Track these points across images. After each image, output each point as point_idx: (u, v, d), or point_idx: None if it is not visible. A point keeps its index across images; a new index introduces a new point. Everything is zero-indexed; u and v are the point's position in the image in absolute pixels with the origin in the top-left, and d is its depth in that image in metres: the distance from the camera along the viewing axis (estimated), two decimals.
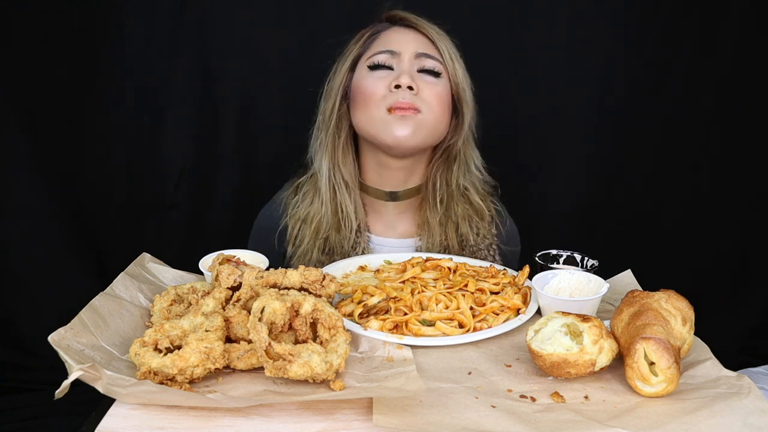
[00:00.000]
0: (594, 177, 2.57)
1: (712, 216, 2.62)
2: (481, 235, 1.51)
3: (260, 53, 2.37)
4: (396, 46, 1.40)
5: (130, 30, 2.30)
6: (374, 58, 1.40)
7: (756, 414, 0.86)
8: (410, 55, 1.39)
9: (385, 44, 1.41)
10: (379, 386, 0.92)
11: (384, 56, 1.39)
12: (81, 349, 0.95)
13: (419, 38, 1.42)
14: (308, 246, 1.47)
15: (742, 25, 2.42)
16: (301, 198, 1.53)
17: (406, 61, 1.39)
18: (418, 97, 1.37)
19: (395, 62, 1.39)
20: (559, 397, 0.93)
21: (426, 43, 1.42)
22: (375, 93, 1.37)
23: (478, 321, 1.12)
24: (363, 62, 1.43)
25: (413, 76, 1.38)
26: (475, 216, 1.51)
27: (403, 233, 1.55)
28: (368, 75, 1.40)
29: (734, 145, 2.56)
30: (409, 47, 1.40)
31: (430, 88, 1.39)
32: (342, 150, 1.47)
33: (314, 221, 1.48)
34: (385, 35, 1.43)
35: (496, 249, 1.52)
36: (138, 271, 1.24)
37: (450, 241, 1.49)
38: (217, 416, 0.86)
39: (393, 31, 1.44)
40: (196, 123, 2.42)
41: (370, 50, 1.43)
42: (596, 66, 2.45)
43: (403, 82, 1.36)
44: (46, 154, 2.36)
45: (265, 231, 1.56)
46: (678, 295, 1.03)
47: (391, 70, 1.39)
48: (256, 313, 0.94)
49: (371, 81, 1.39)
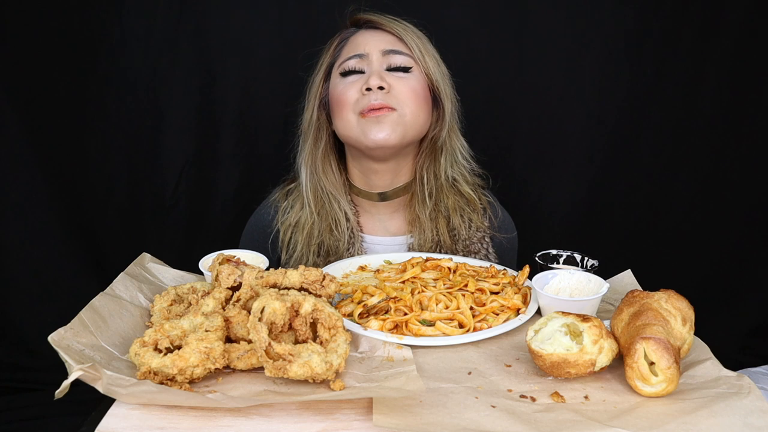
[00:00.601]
0: (594, 177, 2.57)
1: (713, 216, 2.62)
2: (473, 228, 1.51)
3: (260, 53, 2.37)
4: (363, 48, 1.41)
5: (130, 30, 2.30)
6: (344, 65, 1.42)
7: (756, 414, 0.86)
8: (378, 55, 1.40)
9: (353, 49, 1.43)
10: (379, 386, 0.92)
11: (353, 61, 1.41)
12: (81, 349, 0.95)
13: (386, 37, 1.43)
14: (302, 251, 1.48)
15: (741, 25, 2.42)
16: (290, 204, 1.54)
17: (375, 62, 1.40)
18: (390, 95, 1.37)
19: (365, 65, 1.40)
20: (559, 397, 0.93)
21: (393, 41, 1.42)
22: (348, 98, 1.39)
23: (478, 321, 1.12)
24: (336, 70, 1.45)
25: (382, 76, 1.38)
26: (467, 207, 1.51)
27: (395, 231, 1.55)
28: (340, 82, 1.42)
29: (734, 145, 2.56)
30: (375, 47, 1.41)
31: (402, 84, 1.39)
32: (322, 159, 1.48)
33: (305, 227, 1.49)
34: (353, 40, 1.45)
35: (489, 241, 1.52)
36: (138, 271, 1.24)
37: (441, 236, 1.48)
38: (217, 416, 0.86)
39: (359, 35, 1.45)
40: (196, 123, 2.42)
41: (341, 57, 1.45)
42: (596, 66, 2.45)
43: (372, 83, 1.36)
44: (46, 155, 2.37)
45: (257, 234, 1.57)
46: (678, 295, 1.03)
47: (362, 73, 1.41)
48: (256, 313, 0.94)
49: (343, 87, 1.41)
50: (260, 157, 2.45)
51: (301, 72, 1.53)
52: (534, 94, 2.46)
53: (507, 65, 2.43)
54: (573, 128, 2.51)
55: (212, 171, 2.47)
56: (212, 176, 2.48)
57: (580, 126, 2.51)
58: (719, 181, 2.59)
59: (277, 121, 2.40)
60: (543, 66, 2.44)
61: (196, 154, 2.44)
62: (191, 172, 2.45)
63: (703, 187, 2.60)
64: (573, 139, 2.52)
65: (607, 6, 2.39)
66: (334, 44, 1.48)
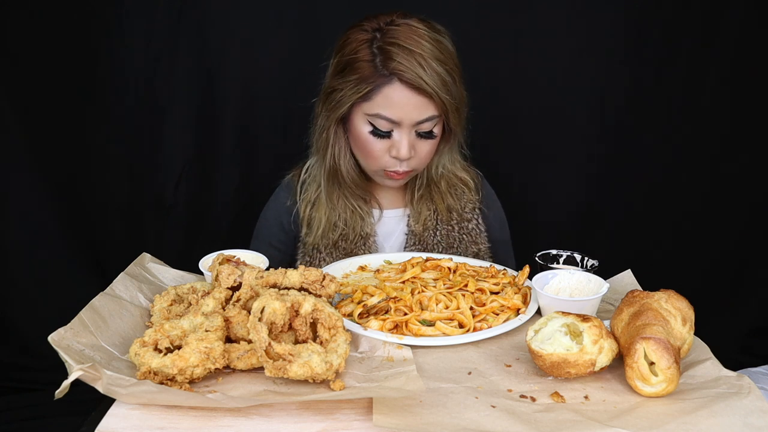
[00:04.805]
0: (594, 177, 2.57)
1: (713, 216, 2.62)
2: (465, 200, 1.61)
3: (260, 53, 2.36)
4: (397, 115, 1.37)
5: (130, 30, 2.30)
6: (376, 122, 1.39)
7: (756, 414, 0.86)
8: (409, 124, 1.39)
9: (386, 107, 1.37)
10: (379, 386, 0.92)
11: (385, 124, 1.39)
12: (81, 349, 0.95)
13: (420, 101, 1.37)
14: (326, 227, 1.53)
15: (742, 25, 2.42)
16: (310, 179, 1.57)
17: (405, 132, 1.39)
18: (413, 159, 1.43)
19: (395, 128, 1.40)
20: (559, 397, 0.93)
21: (425, 104, 1.37)
22: (375, 154, 1.43)
23: (478, 321, 1.12)
24: (362, 110, 1.40)
25: (412, 144, 1.41)
26: (459, 183, 1.60)
27: (398, 203, 1.62)
28: (368, 134, 1.41)
29: (735, 145, 2.55)
30: (410, 116, 1.37)
31: (424, 146, 1.44)
32: (336, 155, 1.50)
33: (326, 205, 1.53)
34: (388, 94, 1.36)
35: (479, 213, 1.61)
36: (138, 271, 1.24)
37: (438, 207, 1.58)
38: (217, 416, 0.86)
39: (395, 92, 1.36)
40: (196, 123, 2.42)
41: (371, 104, 1.38)
42: (596, 66, 2.44)
43: (402, 155, 1.40)
44: (46, 154, 2.36)
45: (275, 212, 1.61)
46: (678, 295, 1.03)
47: (390, 137, 1.40)
48: (256, 313, 0.94)
49: (372, 142, 1.41)
50: (260, 157, 2.45)
51: (308, 66, 1.49)
52: (534, 94, 2.46)
53: (507, 65, 2.43)
54: (573, 128, 2.51)
55: (212, 171, 2.47)
56: (212, 176, 2.47)
57: (580, 125, 2.51)
58: (719, 180, 2.59)
59: (277, 121, 2.40)
60: (543, 65, 2.44)
61: (196, 154, 2.44)
62: (191, 172, 2.45)
63: (703, 187, 2.59)
64: (573, 138, 2.52)
65: (608, 5, 2.39)
66: (367, 89, 1.37)
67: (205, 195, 2.49)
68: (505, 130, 2.46)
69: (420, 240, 1.57)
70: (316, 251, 1.54)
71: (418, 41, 1.34)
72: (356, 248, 1.53)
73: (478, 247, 1.59)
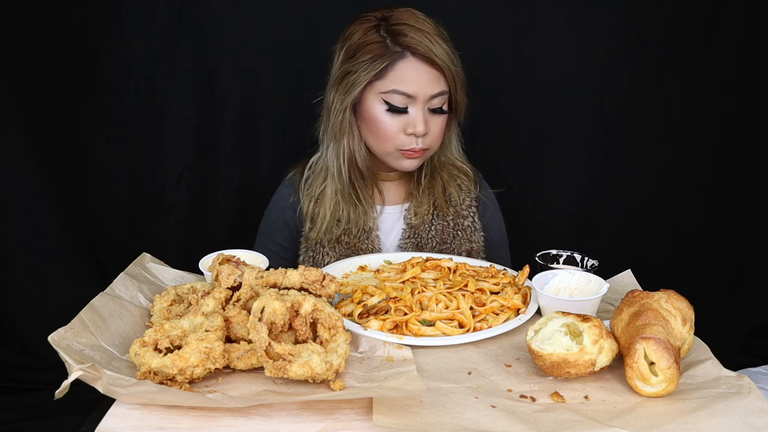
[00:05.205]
0: (594, 177, 2.57)
1: (713, 216, 2.61)
2: (464, 193, 1.62)
3: (260, 53, 2.36)
4: (412, 88, 1.40)
5: (130, 30, 2.30)
6: (391, 98, 1.41)
7: (756, 414, 0.86)
8: (424, 98, 1.42)
9: (401, 82, 1.40)
10: (379, 386, 0.92)
11: (400, 99, 1.41)
12: (81, 349, 0.95)
13: (432, 74, 1.41)
14: (330, 222, 1.53)
15: (742, 25, 2.42)
16: (314, 176, 1.57)
17: (420, 106, 1.42)
18: (426, 137, 1.45)
19: (410, 103, 1.42)
20: (559, 397, 0.93)
21: (437, 78, 1.42)
22: (391, 134, 1.44)
23: (478, 321, 1.12)
24: (376, 90, 1.43)
25: (426, 120, 1.44)
26: (459, 173, 1.63)
27: (395, 200, 1.63)
28: (383, 112, 1.43)
29: (735, 145, 2.55)
30: (424, 90, 1.41)
31: (436, 124, 1.47)
32: (351, 142, 1.51)
33: (331, 199, 1.54)
34: (403, 68, 1.40)
35: (476, 211, 1.63)
36: (138, 271, 1.24)
37: (437, 200, 1.59)
38: (217, 416, 0.86)
39: (409, 66, 1.40)
40: (196, 123, 2.42)
41: (385, 81, 1.41)
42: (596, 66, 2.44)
43: (418, 131, 1.43)
44: (46, 154, 2.36)
45: (279, 209, 1.61)
46: (678, 295, 1.03)
47: (406, 112, 1.43)
48: (256, 313, 0.94)
49: (387, 120, 1.43)
50: (260, 157, 2.45)
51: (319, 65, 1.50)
52: (533, 94, 2.46)
53: (507, 65, 2.42)
54: (573, 128, 2.51)
55: (212, 171, 2.47)
56: (212, 176, 2.47)
57: (580, 125, 2.51)
58: (719, 180, 2.59)
59: (277, 121, 2.40)
60: (543, 65, 2.44)
61: (196, 154, 2.44)
62: (191, 172, 2.45)
63: (704, 187, 2.59)
64: (573, 138, 2.52)
65: (608, 5, 2.39)
66: (379, 64, 1.40)
67: (205, 195, 2.48)
68: (505, 130, 2.46)
69: (415, 233, 1.58)
70: (320, 246, 1.55)
71: (423, 21, 1.42)
72: (359, 242, 1.54)
73: (472, 245, 1.60)
